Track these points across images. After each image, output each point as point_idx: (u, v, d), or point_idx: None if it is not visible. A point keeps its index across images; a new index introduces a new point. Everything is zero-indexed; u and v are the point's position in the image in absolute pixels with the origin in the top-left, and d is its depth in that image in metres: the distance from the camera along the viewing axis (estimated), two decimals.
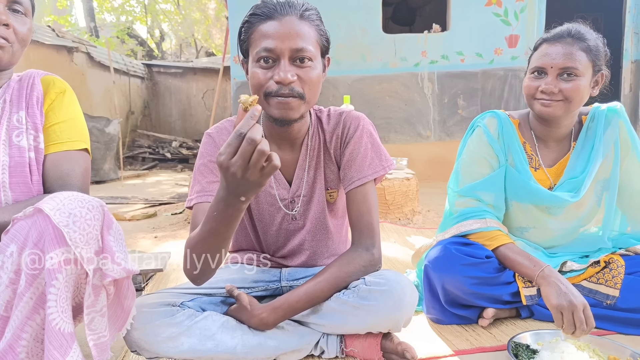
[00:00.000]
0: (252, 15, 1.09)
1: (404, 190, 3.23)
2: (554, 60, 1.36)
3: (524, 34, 5.12)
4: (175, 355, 1.11)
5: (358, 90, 5.21)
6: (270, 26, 1.05)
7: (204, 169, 1.20)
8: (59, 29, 6.80)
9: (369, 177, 1.19)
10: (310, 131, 1.24)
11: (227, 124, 1.26)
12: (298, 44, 1.04)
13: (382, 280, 1.12)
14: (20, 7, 1.06)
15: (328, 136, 1.25)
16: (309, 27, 1.08)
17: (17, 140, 1.07)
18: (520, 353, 1.19)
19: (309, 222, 1.29)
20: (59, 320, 0.83)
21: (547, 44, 1.40)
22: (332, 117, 1.26)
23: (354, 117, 1.24)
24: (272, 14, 1.06)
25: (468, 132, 1.58)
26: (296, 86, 1.06)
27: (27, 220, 0.86)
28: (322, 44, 1.12)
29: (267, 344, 1.15)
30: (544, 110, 1.39)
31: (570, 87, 1.35)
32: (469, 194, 1.49)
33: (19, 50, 1.08)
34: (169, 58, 15.00)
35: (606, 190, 1.49)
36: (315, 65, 1.09)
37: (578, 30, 1.37)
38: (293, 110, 1.08)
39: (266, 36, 1.05)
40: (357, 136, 1.21)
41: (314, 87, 1.09)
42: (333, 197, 1.29)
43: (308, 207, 1.28)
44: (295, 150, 1.25)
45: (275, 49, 1.04)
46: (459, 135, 5.26)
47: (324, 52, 1.14)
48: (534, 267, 1.32)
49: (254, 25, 1.08)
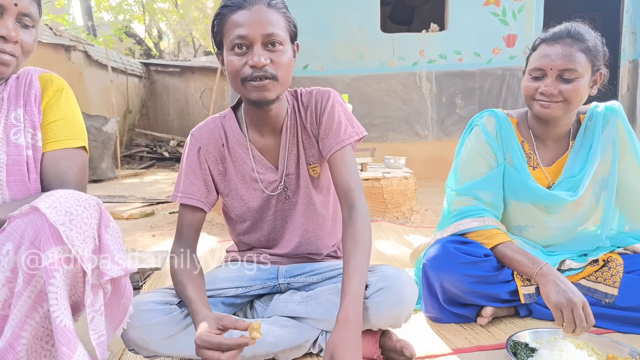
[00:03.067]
0: (223, 7, 1.15)
1: (402, 189, 3.23)
2: (554, 61, 1.35)
3: (521, 33, 5.13)
4: (173, 353, 1.11)
5: (356, 89, 5.21)
6: (242, 15, 1.12)
7: (187, 170, 1.27)
8: (56, 28, 6.77)
9: (345, 142, 1.23)
10: (289, 112, 1.30)
11: (211, 122, 1.31)
12: (269, 29, 1.11)
13: (382, 277, 1.13)
14: (29, 21, 1.04)
15: (303, 114, 1.30)
16: (277, 14, 1.14)
17: (15, 139, 1.06)
18: (519, 351, 1.19)
19: (300, 198, 1.31)
20: (63, 317, 0.83)
21: (546, 44, 1.39)
22: (304, 95, 1.32)
23: (323, 92, 1.31)
24: (242, 4, 1.12)
25: (466, 130, 1.58)
26: (270, 68, 1.12)
27: (23, 218, 0.86)
28: (290, 30, 1.19)
29: (266, 341, 1.15)
30: (543, 111, 1.38)
31: (569, 88, 1.34)
32: (467, 193, 1.49)
33: (23, 61, 1.07)
34: (167, 57, 14.96)
35: (604, 189, 1.49)
36: (286, 49, 1.15)
37: (577, 31, 1.37)
38: (269, 91, 1.14)
39: (238, 25, 1.11)
40: (330, 107, 1.27)
41: (287, 69, 1.16)
42: (316, 171, 1.32)
43: (297, 184, 1.31)
44: (277, 135, 1.29)
45: (248, 35, 1.10)
46: (457, 135, 5.26)
47: (293, 38, 1.21)
48: (533, 265, 1.32)
49: (226, 17, 1.14)
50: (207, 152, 1.28)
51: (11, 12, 0.99)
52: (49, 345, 0.90)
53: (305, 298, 1.23)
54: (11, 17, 1.00)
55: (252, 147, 1.28)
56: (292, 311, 1.23)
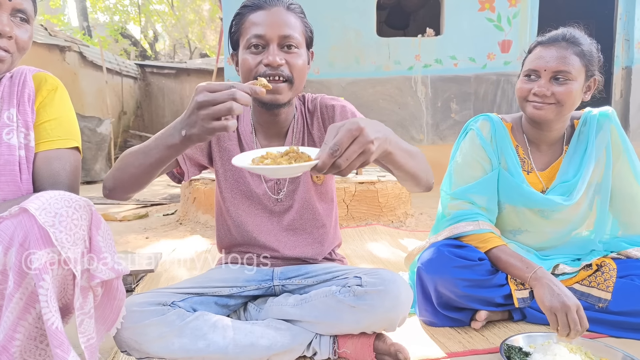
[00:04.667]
0: (243, 7, 1.17)
1: (397, 193, 3.23)
2: (548, 63, 1.36)
3: (516, 39, 5.16)
4: (166, 355, 1.10)
5: (352, 93, 5.22)
6: (260, 15, 1.14)
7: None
8: (51, 28, 6.74)
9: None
10: (296, 117, 1.30)
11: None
12: (286, 31, 1.13)
13: (378, 280, 1.12)
14: (24, 16, 1.04)
15: (309, 120, 1.31)
16: (295, 18, 1.17)
17: (8, 138, 1.05)
18: (512, 355, 1.19)
19: (296, 203, 1.30)
20: (54, 320, 0.82)
21: (542, 46, 1.40)
22: (309, 103, 1.32)
23: (328, 99, 1.31)
24: (262, 4, 1.14)
25: (461, 135, 1.58)
26: (285, 69, 1.13)
27: (12, 219, 0.84)
28: (307, 35, 1.20)
29: (260, 344, 1.14)
30: (535, 112, 1.39)
31: (562, 90, 1.35)
32: (462, 197, 1.49)
33: (18, 58, 1.06)
34: (163, 59, 14.92)
35: (597, 194, 1.50)
36: (301, 52, 1.17)
37: (573, 35, 1.38)
38: (282, 94, 1.14)
39: (256, 24, 1.13)
40: (339, 110, 1.27)
41: (301, 73, 1.16)
42: (320, 178, 1.32)
43: (294, 188, 1.30)
44: (282, 137, 1.30)
45: (265, 35, 1.12)
46: (451, 139, 5.28)
47: (309, 45, 1.22)
48: (527, 269, 1.32)
49: (245, 16, 1.16)
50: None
51: (5, 7, 0.99)
52: (44, 345, 0.89)
53: (299, 301, 1.22)
54: (5, 12, 0.99)
55: (259, 147, 1.29)
56: (287, 314, 1.22)
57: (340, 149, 0.78)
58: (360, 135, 0.79)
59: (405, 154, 0.95)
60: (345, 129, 0.79)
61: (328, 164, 0.79)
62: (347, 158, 0.79)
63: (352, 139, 0.79)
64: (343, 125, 0.81)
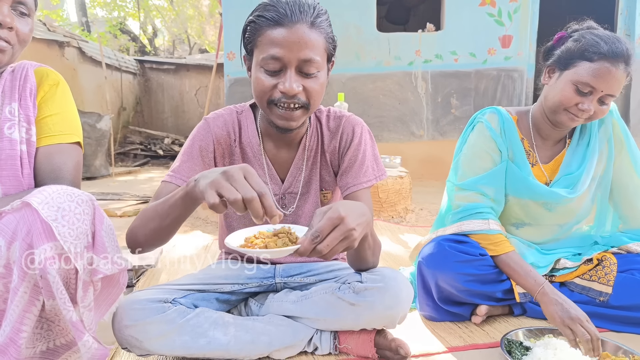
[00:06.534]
0: (260, 17, 1.04)
1: (397, 189, 3.24)
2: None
3: (517, 34, 5.15)
4: (167, 352, 1.10)
5: (352, 88, 5.21)
6: (279, 33, 1.01)
7: (191, 153, 1.20)
8: (50, 23, 6.72)
9: (363, 185, 1.22)
10: (309, 131, 1.26)
11: (227, 114, 1.26)
12: (307, 54, 1.02)
13: (378, 277, 1.12)
14: (25, 8, 1.03)
15: (327, 139, 1.26)
16: (318, 35, 1.05)
17: (9, 133, 1.05)
18: (513, 350, 1.19)
19: (302, 220, 1.29)
20: (71, 314, 0.85)
21: (607, 62, 1.28)
22: (331, 120, 1.27)
23: (354, 124, 1.25)
24: (282, 20, 1.01)
25: (467, 128, 1.57)
26: (301, 97, 1.06)
27: (15, 214, 0.85)
28: (329, 50, 1.10)
29: (260, 340, 1.14)
30: (569, 123, 1.38)
31: (603, 109, 1.35)
32: (472, 188, 1.47)
33: (18, 51, 1.06)
34: (162, 54, 14.88)
35: (599, 187, 1.50)
36: (321, 75, 1.08)
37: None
38: (295, 121, 1.10)
39: (274, 43, 1.02)
40: (356, 144, 1.23)
41: (318, 97, 1.10)
42: (327, 197, 1.31)
43: (302, 204, 1.29)
44: (292, 149, 1.26)
45: (283, 58, 1.02)
46: (452, 135, 5.28)
47: (330, 57, 1.13)
48: (535, 283, 1.32)
49: (262, 29, 1.04)
50: (218, 143, 1.22)
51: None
52: (44, 330, 0.90)
53: (300, 297, 1.22)
54: (6, 3, 0.99)
55: (265, 156, 1.25)
56: (287, 310, 1.22)
57: (321, 235, 0.81)
58: (341, 223, 0.82)
59: (371, 240, 1.05)
60: (327, 216, 0.83)
61: (309, 250, 0.81)
62: (328, 244, 0.82)
63: (333, 227, 0.82)
64: (327, 211, 0.84)
